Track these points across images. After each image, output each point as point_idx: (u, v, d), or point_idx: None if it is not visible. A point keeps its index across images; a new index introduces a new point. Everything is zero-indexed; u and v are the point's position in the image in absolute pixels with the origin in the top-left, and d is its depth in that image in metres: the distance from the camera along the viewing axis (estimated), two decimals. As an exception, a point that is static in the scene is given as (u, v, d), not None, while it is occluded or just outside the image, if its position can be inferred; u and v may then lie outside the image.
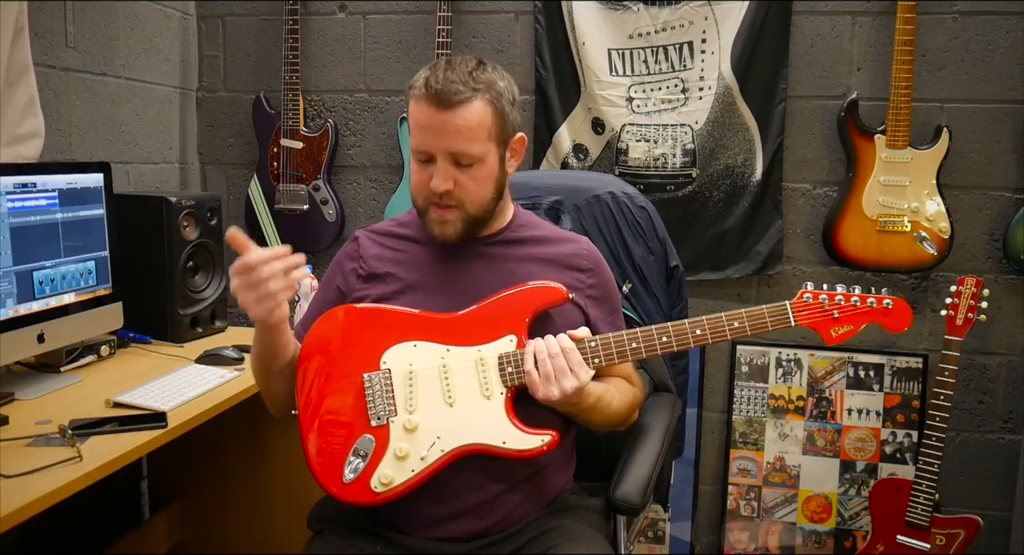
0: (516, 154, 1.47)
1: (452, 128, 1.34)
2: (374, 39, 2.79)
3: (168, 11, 2.75)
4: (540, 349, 1.33)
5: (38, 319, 1.78)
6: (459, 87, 1.34)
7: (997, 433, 2.54)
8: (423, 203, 1.42)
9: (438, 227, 1.42)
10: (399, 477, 1.33)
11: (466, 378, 1.37)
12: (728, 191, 2.57)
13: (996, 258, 2.48)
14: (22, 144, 1.98)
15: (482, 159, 1.38)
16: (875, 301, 1.38)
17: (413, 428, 1.34)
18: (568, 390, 1.31)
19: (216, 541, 2.45)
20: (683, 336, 1.38)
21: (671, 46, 2.54)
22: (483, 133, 1.37)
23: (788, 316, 1.37)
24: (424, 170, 1.39)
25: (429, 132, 1.36)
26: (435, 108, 1.34)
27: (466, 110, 1.35)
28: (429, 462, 1.33)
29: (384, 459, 1.33)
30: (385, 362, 1.39)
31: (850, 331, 1.38)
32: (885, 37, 2.44)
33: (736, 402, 2.66)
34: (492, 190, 1.42)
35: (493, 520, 1.38)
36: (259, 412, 2.07)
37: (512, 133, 1.44)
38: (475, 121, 1.35)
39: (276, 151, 2.75)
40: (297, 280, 1.31)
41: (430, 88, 1.35)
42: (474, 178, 1.39)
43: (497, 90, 1.38)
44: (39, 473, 1.33)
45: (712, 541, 2.73)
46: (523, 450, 1.33)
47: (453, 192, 1.38)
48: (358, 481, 1.33)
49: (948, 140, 2.38)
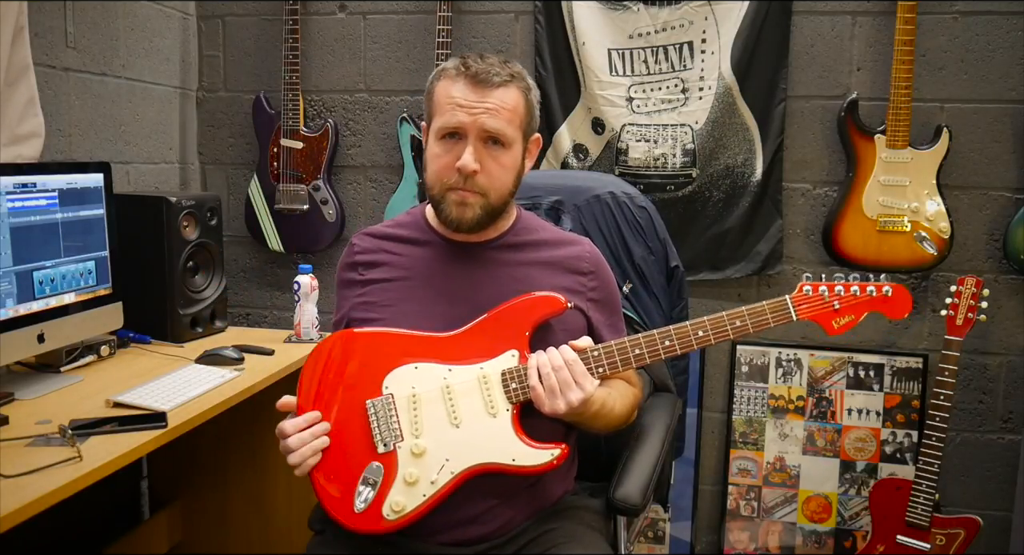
0: (531, 154, 1.47)
1: (490, 105, 1.36)
2: (374, 39, 2.79)
3: (168, 11, 2.75)
4: (543, 363, 1.32)
5: (38, 319, 1.78)
6: (498, 69, 1.37)
7: (997, 433, 2.54)
8: (442, 188, 1.39)
9: (457, 209, 1.39)
10: (411, 503, 1.31)
11: (470, 398, 1.35)
12: (728, 191, 2.57)
13: (996, 258, 2.48)
14: (22, 144, 1.98)
15: (511, 144, 1.39)
16: (874, 289, 1.38)
17: (421, 452, 1.32)
18: (574, 403, 1.29)
19: (216, 541, 2.45)
20: (686, 339, 1.37)
21: (671, 46, 2.54)
22: (516, 119, 1.39)
23: (789, 310, 1.37)
24: (450, 151, 1.37)
25: (465, 108, 1.36)
26: (473, 86, 1.36)
27: (504, 92, 1.37)
28: (440, 485, 1.31)
29: (394, 486, 1.31)
30: (387, 387, 1.37)
31: (851, 321, 1.37)
32: (885, 37, 2.44)
33: (736, 402, 2.65)
34: (513, 182, 1.42)
35: (495, 526, 1.38)
36: (259, 412, 2.07)
37: (534, 130, 1.46)
38: (511, 104, 1.38)
39: (276, 151, 2.75)
40: (318, 449, 1.34)
41: (469, 68, 1.36)
42: (501, 164, 1.38)
43: (528, 83, 1.43)
44: (39, 473, 1.33)
45: (712, 541, 2.73)
46: (534, 466, 1.32)
47: (479, 177, 1.36)
48: (369, 511, 1.31)
49: (948, 140, 2.38)
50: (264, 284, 2.96)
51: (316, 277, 2.25)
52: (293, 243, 2.81)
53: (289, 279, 2.64)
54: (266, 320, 2.95)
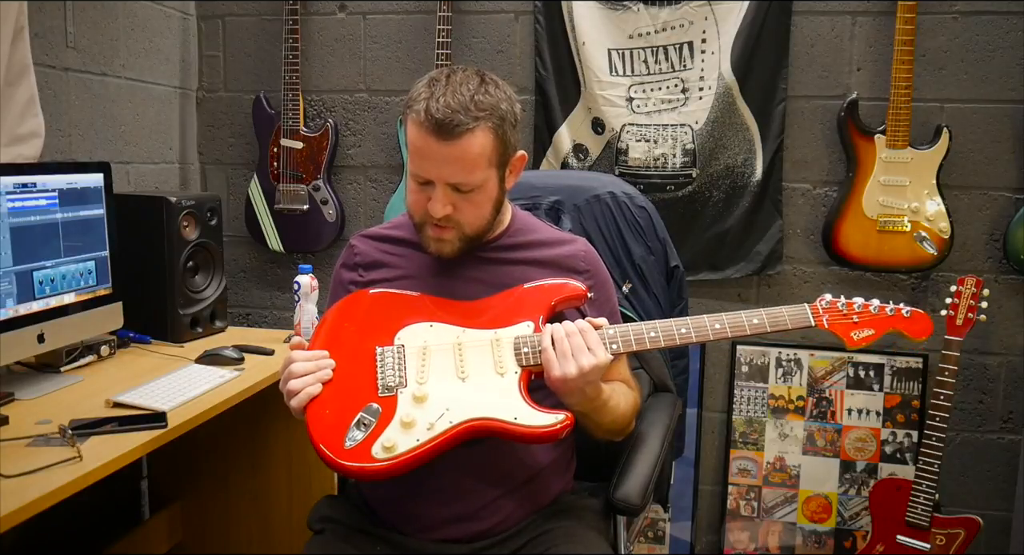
0: (515, 171, 1.45)
1: (452, 158, 1.31)
2: (374, 39, 2.79)
3: (168, 11, 2.75)
4: (557, 329, 1.31)
5: (38, 319, 1.78)
6: (460, 117, 1.29)
7: (997, 433, 2.54)
8: (420, 219, 1.41)
9: (435, 245, 1.42)
10: (403, 444, 1.24)
11: (480, 355, 1.34)
12: (728, 191, 2.57)
13: (996, 258, 2.48)
14: (22, 144, 1.98)
15: (482, 185, 1.36)
16: (894, 310, 1.37)
17: (422, 397, 1.29)
18: (586, 367, 1.27)
19: (216, 541, 2.45)
20: (702, 329, 1.35)
21: (671, 46, 2.54)
22: (483, 161, 1.34)
23: (807, 317, 1.36)
24: (422, 191, 1.38)
25: (428, 160, 1.33)
26: (435, 138, 1.30)
27: (467, 141, 1.30)
28: (436, 432, 1.25)
29: (390, 426, 1.27)
30: (400, 338, 1.38)
31: (871, 335, 1.36)
32: (885, 37, 2.44)
33: (736, 402, 2.65)
34: (490, 212, 1.41)
35: (493, 522, 1.38)
36: (259, 412, 2.08)
37: (512, 153, 1.41)
38: (476, 151, 1.32)
39: (276, 151, 2.75)
40: (320, 378, 1.32)
41: (430, 116, 1.29)
42: (473, 203, 1.37)
43: (500, 115, 1.34)
44: (39, 473, 1.33)
45: (712, 541, 2.73)
46: (536, 427, 1.26)
47: (451, 216, 1.37)
48: (359, 447, 1.25)
49: (948, 140, 2.38)
50: (264, 284, 2.96)
51: (316, 277, 2.25)
52: (293, 243, 2.81)
53: (289, 279, 2.64)
54: (266, 320, 2.95)
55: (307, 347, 1.38)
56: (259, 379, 1.90)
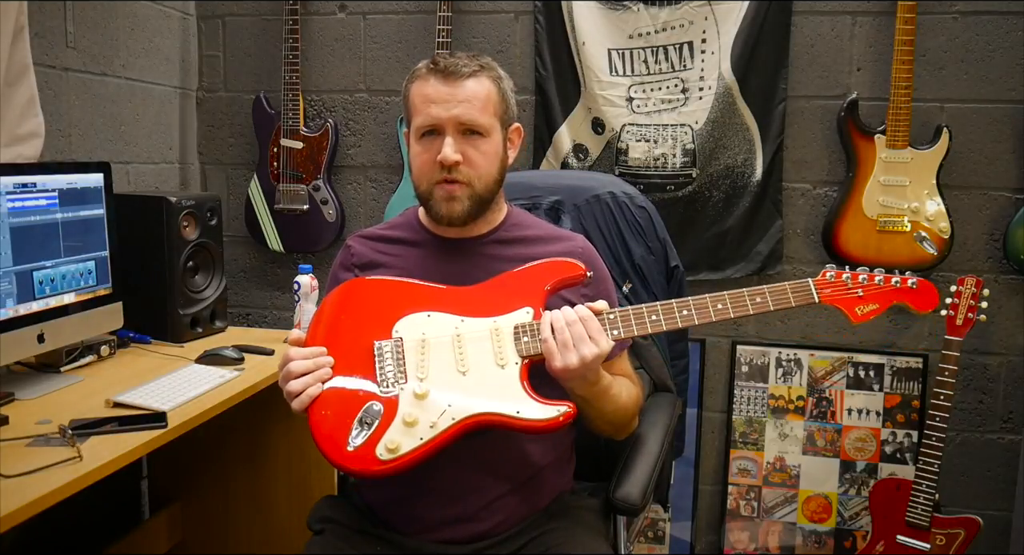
0: (514, 144, 1.49)
1: (462, 97, 1.38)
2: (374, 39, 2.79)
3: (168, 11, 2.75)
4: (557, 317, 1.30)
5: (38, 319, 1.78)
6: (466, 62, 1.41)
7: (997, 433, 2.54)
8: (428, 184, 1.41)
9: (446, 205, 1.41)
10: (407, 444, 1.25)
11: (480, 347, 1.33)
12: (728, 191, 2.57)
13: (996, 258, 2.48)
14: (22, 144, 1.98)
15: (490, 133, 1.41)
16: (899, 281, 1.34)
17: (423, 395, 1.28)
18: (588, 357, 1.26)
19: (216, 541, 2.45)
20: (704, 309, 1.34)
21: (671, 46, 2.54)
22: (490, 107, 1.41)
23: (811, 292, 1.34)
24: (430, 148, 1.40)
25: (438, 103, 1.39)
26: (443, 81, 1.39)
27: (475, 82, 1.40)
28: (439, 430, 1.26)
29: (392, 426, 1.26)
30: (397, 331, 1.36)
31: (876, 309, 1.33)
32: (885, 37, 2.44)
33: (736, 402, 2.66)
34: (497, 170, 1.43)
35: (493, 522, 1.38)
36: (259, 412, 2.08)
37: (512, 119, 1.48)
38: (483, 93, 1.40)
39: (276, 151, 2.75)
40: (321, 377, 1.32)
41: (437, 65, 1.41)
42: (483, 153, 1.40)
43: (499, 73, 1.46)
44: (39, 473, 1.33)
45: (712, 541, 2.73)
46: (538, 420, 1.26)
47: (462, 167, 1.38)
48: (363, 448, 1.25)
49: (948, 140, 2.38)
50: (264, 284, 2.96)
51: (316, 277, 2.25)
52: (293, 243, 2.81)
53: (289, 279, 2.63)
54: (266, 320, 2.95)
55: (304, 342, 1.37)
56: (259, 379, 1.90)
